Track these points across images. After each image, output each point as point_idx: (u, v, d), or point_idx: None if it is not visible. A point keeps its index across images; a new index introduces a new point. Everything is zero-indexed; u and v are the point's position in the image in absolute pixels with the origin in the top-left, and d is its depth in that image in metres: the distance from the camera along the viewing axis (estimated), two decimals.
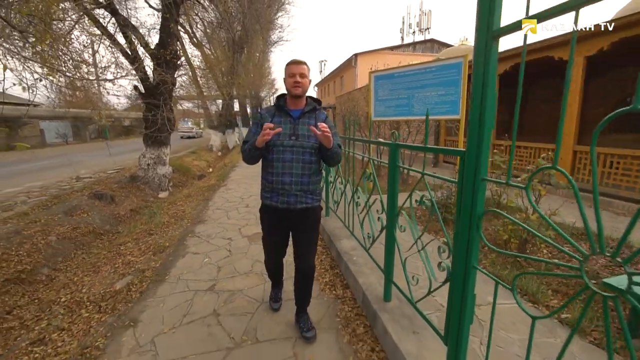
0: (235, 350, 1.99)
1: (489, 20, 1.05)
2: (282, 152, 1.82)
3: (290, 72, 1.81)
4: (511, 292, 1.04)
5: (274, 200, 1.88)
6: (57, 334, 2.44)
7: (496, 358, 1.69)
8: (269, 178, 1.87)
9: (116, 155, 13.93)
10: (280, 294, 2.43)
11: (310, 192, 1.90)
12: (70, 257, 4.42)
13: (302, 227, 1.97)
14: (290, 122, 1.85)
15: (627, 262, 0.72)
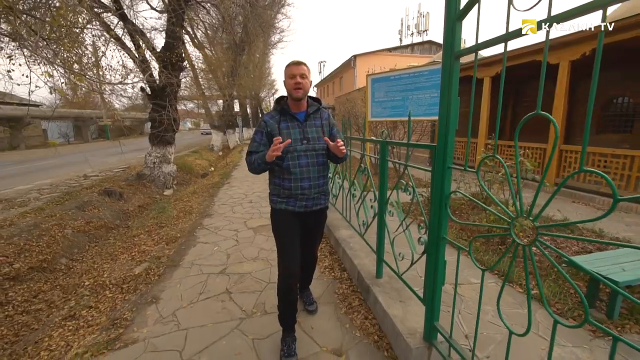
0: (247, 320, 2.30)
1: (452, 44, 1.36)
2: (297, 157, 1.78)
3: (290, 73, 1.75)
4: (491, 275, 1.36)
5: (290, 205, 1.84)
6: (85, 311, 2.74)
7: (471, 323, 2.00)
8: (286, 184, 1.81)
9: (119, 155, 14.23)
10: (294, 347, 1.91)
11: (324, 193, 1.93)
12: (85, 249, 4.72)
13: (313, 226, 2.00)
14: (299, 126, 1.81)
15: (535, 220, 1.03)
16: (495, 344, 1.89)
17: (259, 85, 25.26)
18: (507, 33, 1.07)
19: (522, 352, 1.81)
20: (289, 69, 1.77)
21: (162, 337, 2.14)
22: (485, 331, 1.99)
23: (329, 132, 1.93)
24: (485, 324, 2.03)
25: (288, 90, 1.80)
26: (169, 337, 2.14)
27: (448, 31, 1.38)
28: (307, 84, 1.79)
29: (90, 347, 2.08)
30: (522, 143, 7.63)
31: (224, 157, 15.19)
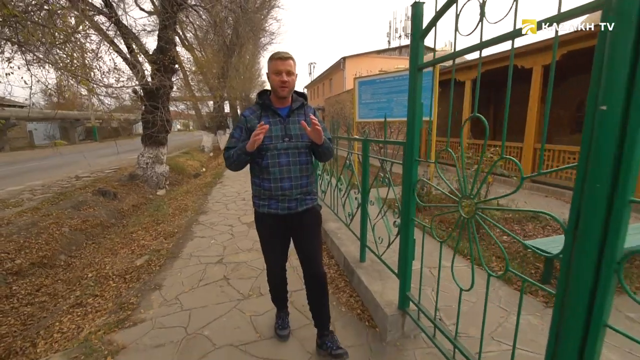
0: (244, 301, 2.55)
1: (416, 58, 1.66)
2: (277, 156, 1.67)
3: (275, 69, 1.61)
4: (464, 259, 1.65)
5: (272, 208, 1.73)
6: (92, 299, 2.95)
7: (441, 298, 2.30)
8: (266, 185, 1.70)
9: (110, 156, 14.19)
10: (287, 320, 2.14)
11: (309, 193, 1.80)
12: (82, 246, 4.88)
13: (304, 230, 1.84)
14: (280, 122, 1.69)
15: (474, 197, 1.33)
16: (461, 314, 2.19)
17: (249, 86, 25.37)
18: (455, 51, 1.37)
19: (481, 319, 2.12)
20: (273, 64, 1.62)
21: (168, 317, 2.38)
22: (453, 304, 2.29)
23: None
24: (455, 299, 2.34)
25: (273, 87, 1.67)
26: (174, 317, 2.38)
27: (413, 48, 1.68)
28: (294, 80, 1.67)
29: (102, 327, 2.30)
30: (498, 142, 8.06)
31: (215, 158, 15.30)
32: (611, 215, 0.80)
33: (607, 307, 0.84)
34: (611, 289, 0.83)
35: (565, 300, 0.92)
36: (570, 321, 0.90)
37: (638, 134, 0.75)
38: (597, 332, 0.86)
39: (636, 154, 0.76)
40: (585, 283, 0.86)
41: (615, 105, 0.77)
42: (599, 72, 0.80)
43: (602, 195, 0.81)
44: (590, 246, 0.84)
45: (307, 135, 1.65)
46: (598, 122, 0.80)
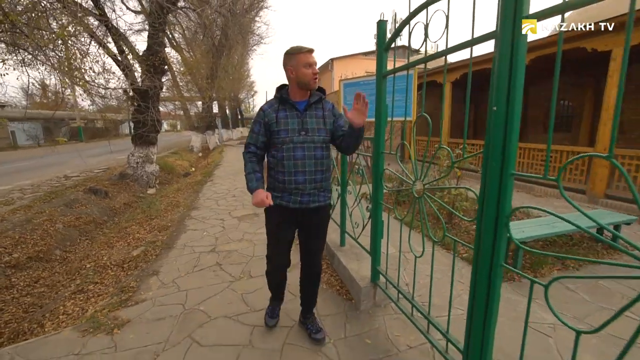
0: (236, 282, 2.83)
1: (381, 67, 1.98)
2: (292, 149, 1.68)
3: (307, 61, 1.64)
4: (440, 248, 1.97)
5: (284, 200, 1.75)
6: (92, 286, 3.17)
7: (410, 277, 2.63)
8: (280, 177, 1.73)
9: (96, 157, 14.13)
10: (278, 309, 2.20)
11: (324, 190, 1.80)
12: (76, 242, 5.04)
13: (312, 226, 1.86)
14: (297, 116, 1.71)
15: (422, 179, 1.66)
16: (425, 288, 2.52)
17: (237, 87, 25.49)
18: (410, 62, 1.69)
19: (443, 291, 2.45)
20: (303, 57, 1.64)
21: (166, 297, 2.63)
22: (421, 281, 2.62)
23: (333, 123, 1.80)
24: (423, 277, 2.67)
25: (305, 81, 1.67)
26: (172, 296, 2.63)
27: (378, 58, 2.00)
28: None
29: (106, 306, 2.53)
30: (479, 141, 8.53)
31: (205, 158, 15.41)
32: (501, 185, 1.13)
33: (502, 252, 1.17)
34: (504, 238, 1.16)
35: (479, 249, 1.24)
36: (482, 262, 1.23)
37: (514, 127, 1.08)
38: (497, 269, 1.19)
39: (514, 141, 1.08)
40: (489, 235, 1.19)
41: (501, 106, 1.10)
42: (493, 83, 1.12)
43: (496, 171, 1.14)
44: (491, 209, 1.17)
45: (349, 118, 1.61)
46: (492, 119, 1.13)
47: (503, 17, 1.05)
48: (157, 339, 2.08)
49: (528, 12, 1.00)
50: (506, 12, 1.03)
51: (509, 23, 1.03)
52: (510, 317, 2.21)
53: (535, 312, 2.24)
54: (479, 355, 1.30)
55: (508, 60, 1.06)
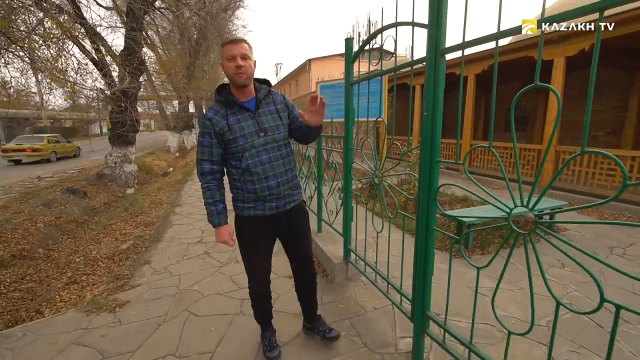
0: (224, 267, 3.14)
1: (349, 76, 2.37)
2: (256, 154, 1.54)
3: (229, 54, 1.46)
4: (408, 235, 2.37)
5: (259, 209, 1.60)
6: (85, 277, 3.36)
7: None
8: (250, 187, 1.56)
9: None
10: (275, 339, 1.93)
11: (296, 188, 1.72)
12: (59, 240, 5.10)
13: (293, 230, 1.75)
14: (251, 117, 1.55)
15: (381, 170, 2.07)
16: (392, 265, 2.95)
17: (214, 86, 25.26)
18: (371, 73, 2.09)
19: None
20: (226, 49, 1.47)
21: (161, 281, 2.90)
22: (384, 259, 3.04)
23: (288, 115, 1.69)
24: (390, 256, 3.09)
25: (229, 76, 1.51)
26: (166, 280, 2.91)
27: (346, 69, 2.39)
28: (251, 65, 1.50)
29: (104, 291, 2.77)
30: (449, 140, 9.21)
31: (182, 158, 15.32)
32: (431, 169, 1.55)
33: (433, 218, 1.59)
34: (434, 208, 1.58)
35: (419, 218, 1.66)
36: (421, 228, 1.64)
37: (438, 126, 1.50)
38: (431, 232, 1.61)
39: (438, 136, 1.51)
40: (424, 207, 1.61)
41: (429, 112, 1.51)
42: (424, 95, 1.54)
43: (427, 158, 1.55)
44: (424, 186, 1.59)
45: (306, 120, 1.60)
46: (425, 120, 1.54)
47: (429, 49, 1.46)
48: (157, 314, 2.37)
49: (444, 47, 1.42)
50: (431, 46, 1.45)
51: (432, 53, 1.45)
52: (459, 284, 2.68)
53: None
54: (421, 300, 1.72)
55: (432, 78, 1.48)
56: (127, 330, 2.19)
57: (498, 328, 2.10)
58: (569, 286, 2.66)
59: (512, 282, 2.73)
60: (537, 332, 2.03)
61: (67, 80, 4.48)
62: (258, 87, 1.63)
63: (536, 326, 1.98)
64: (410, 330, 1.92)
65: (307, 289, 1.94)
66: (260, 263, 1.75)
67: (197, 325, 2.22)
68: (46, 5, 5.63)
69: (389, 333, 2.08)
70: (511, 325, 2.12)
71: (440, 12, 1.40)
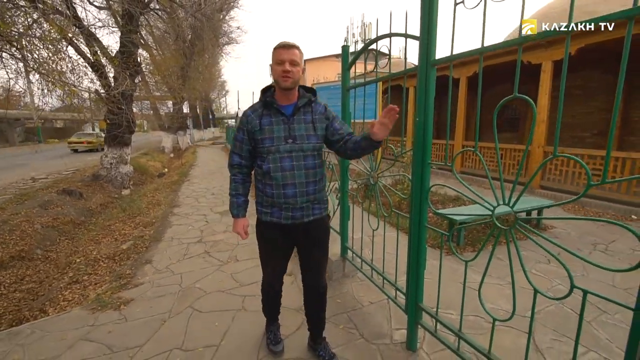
0: (224, 265, 3.23)
1: (346, 83, 2.49)
2: (279, 159, 1.53)
3: (279, 58, 1.47)
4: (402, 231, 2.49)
5: (275, 216, 1.60)
6: (87, 277, 3.41)
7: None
8: (268, 191, 1.57)
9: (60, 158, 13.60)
10: (279, 333, 2.03)
11: (318, 202, 1.65)
12: (56, 242, 5.13)
13: (310, 241, 1.71)
14: (284, 122, 1.55)
15: (376, 172, 2.18)
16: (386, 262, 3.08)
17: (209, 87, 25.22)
18: (368, 80, 2.21)
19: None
20: (277, 53, 1.49)
21: (163, 279, 2.98)
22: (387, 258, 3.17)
23: (326, 127, 1.65)
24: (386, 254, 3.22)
25: (275, 78, 1.54)
26: (168, 279, 2.99)
27: (343, 75, 2.51)
28: (298, 72, 1.52)
29: (107, 290, 2.84)
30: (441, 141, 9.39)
31: (177, 158, 15.30)
32: (423, 170, 1.67)
33: (424, 216, 1.72)
34: (426, 207, 1.70)
35: (412, 216, 1.78)
36: (413, 225, 1.76)
37: (428, 131, 1.62)
38: (422, 229, 1.73)
39: (429, 140, 1.63)
40: (417, 206, 1.73)
41: (421, 117, 1.63)
42: (418, 102, 1.66)
43: (419, 160, 1.67)
44: (416, 186, 1.71)
45: (373, 132, 1.43)
46: (417, 125, 1.66)
47: (420, 60, 1.58)
48: (161, 310, 2.45)
49: (434, 58, 1.55)
50: (422, 57, 1.57)
51: (424, 64, 1.57)
52: (451, 279, 2.81)
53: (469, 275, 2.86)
54: (414, 292, 1.84)
55: (423, 87, 1.60)
56: (133, 327, 2.27)
57: (486, 320, 2.24)
58: (554, 280, 2.82)
59: (501, 277, 2.87)
60: (523, 323, 2.16)
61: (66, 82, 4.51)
62: (301, 94, 1.63)
63: (522, 317, 2.12)
64: (404, 323, 2.04)
65: (316, 305, 1.85)
66: (275, 264, 1.80)
67: (201, 320, 2.31)
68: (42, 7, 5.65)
69: (385, 325, 2.20)
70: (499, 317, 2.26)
71: (431, 25, 1.52)
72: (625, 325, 2.18)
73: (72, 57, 6.98)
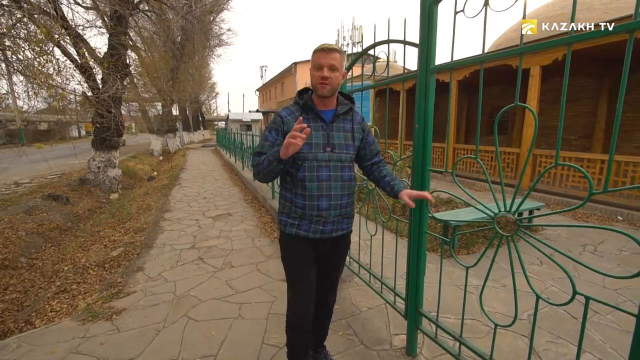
0: (219, 272, 3.18)
1: (342, 87, 2.48)
2: (316, 168, 1.41)
3: (317, 62, 1.37)
4: (399, 235, 2.48)
5: (303, 229, 1.46)
6: (75, 285, 3.31)
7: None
8: (299, 202, 1.44)
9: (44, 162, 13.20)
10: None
11: (347, 216, 1.55)
12: (42, 249, 4.97)
13: (333, 257, 1.62)
14: (323, 128, 1.44)
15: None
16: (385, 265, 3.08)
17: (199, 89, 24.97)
18: (363, 86, 2.21)
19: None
20: (315, 57, 1.38)
21: (156, 287, 2.91)
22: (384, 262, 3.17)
23: (361, 139, 1.55)
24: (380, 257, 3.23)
25: (312, 85, 1.43)
26: (161, 287, 2.92)
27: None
28: (338, 77, 1.40)
29: (98, 299, 2.76)
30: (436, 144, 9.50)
31: (167, 161, 15.05)
32: (423, 176, 1.68)
33: (424, 222, 1.72)
34: (426, 213, 1.71)
35: (412, 222, 1.78)
36: (413, 231, 1.77)
37: (428, 138, 1.63)
38: (422, 235, 1.74)
39: (428, 147, 1.63)
40: (417, 212, 1.73)
41: (421, 124, 1.64)
42: (416, 109, 1.66)
43: (419, 167, 1.68)
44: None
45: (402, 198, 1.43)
46: (416, 132, 1.67)
47: (420, 67, 1.59)
48: (156, 320, 2.39)
49: (434, 65, 1.56)
50: (422, 65, 1.58)
51: (424, 71, 1.58)
52: (446, 282, 2.83)
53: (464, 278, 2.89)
54: (414, 298, 1.84)
55: (423, 94, 1.61)
56: (126, 337, 2.21)
57: (484, 322, 2.26)
58: (547, 282, 2.87)
59: (496, 279, 2.91)
60: (520, 325, 2.20)
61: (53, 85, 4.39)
62: (341, 101, 1.52)
63: (518, 320, 2.14)
64: (403, 327, 2.04)
65: (323, 316, 1.77)
66: (303, 287, 1.54)
67: (197, 330, 2.26)
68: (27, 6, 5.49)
69: (384, 331, 2.19)
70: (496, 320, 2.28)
71: (431, 33, 1.53)
72: (617, 325, 2.23)
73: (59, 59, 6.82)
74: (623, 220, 4.73)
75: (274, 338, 2.13)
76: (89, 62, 7.04)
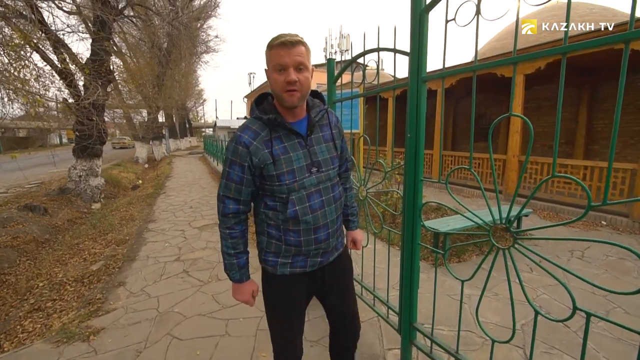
0: (205, 286, 3.05)
1: (331, 95, 2.44)
2: (306, 198, 1.15)
3: (278, 63, 1.04)
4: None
5: (298, 266, 1.22)
6: (50, 303, 3.12)
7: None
8: (291, 239, 1.17)
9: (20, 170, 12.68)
10: None
11: (340, 233, 1.33)
12: (16, 263, 4.70)
13: (334, 282, 1.34)
14: (302, 145, 1.15)
15: (365, 185, 2.14)
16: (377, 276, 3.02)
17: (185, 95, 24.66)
18: (353, 95, 2.17)
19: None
20: (274, 55, 1.05)
21: (138, 304, 2.77)
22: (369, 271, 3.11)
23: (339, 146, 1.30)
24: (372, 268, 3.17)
25: (276, 93, 1.11)
26: (144, 303, 2.77)
27: (328, 89, 2.47)
28: (308, 78, 1.10)
29: (75, 318, 2.59)
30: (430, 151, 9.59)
31: (152, 169, 14.70)
32: (415, 187, 1.64)
33: (417, 234, 1.67)
34: (419, 224, 1.67)
35: (404, 233, 1.73)
36: (406, 242, 1.72)
37: (421, 148, 1.59)
38: (416, 247, 1.69)
39: (420, 157, 1.60)
40: (409, 222, 1.69)
41: (413, 133, 1.61)
42: (407, 118, 1.63)
43: (411, 177, 1.64)
44: (409, 203, 1.67)
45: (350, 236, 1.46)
46: (408, 141, 1.63)
47: (411, 76, 1.57)
48: (136, 340, 2.25)
49: (425, 75, 1.53)
50: (413, 74, 1.55)
51: (414, 80, 1.55)
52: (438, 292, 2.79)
53: (457, 287, 2.85)
54: (408, 312, 1.79)
55: (415, 103, 1.58)
56: None
57: (478, 334, 2.22)
58: (538, 289, 2.86)
59: (487, 288, 2.88)
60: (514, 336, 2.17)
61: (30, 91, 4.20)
62: (311, 104, 1.21)
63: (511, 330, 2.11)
64: (397, 342, 1.97)
65: (346, 348, 1.49)
66: (293, 328, 1.31)
67: (181, 349, 2.14)
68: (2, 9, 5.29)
69: (377, 345, 2.12)
70: (489, 331, 2.23)
71: (422, 42, 1.50)
72: (609, 333, 2.23)
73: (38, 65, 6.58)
74: (607, 225, 4.83)
75: (262, 357, 2.04)
76: (69, 68, 6.83)
